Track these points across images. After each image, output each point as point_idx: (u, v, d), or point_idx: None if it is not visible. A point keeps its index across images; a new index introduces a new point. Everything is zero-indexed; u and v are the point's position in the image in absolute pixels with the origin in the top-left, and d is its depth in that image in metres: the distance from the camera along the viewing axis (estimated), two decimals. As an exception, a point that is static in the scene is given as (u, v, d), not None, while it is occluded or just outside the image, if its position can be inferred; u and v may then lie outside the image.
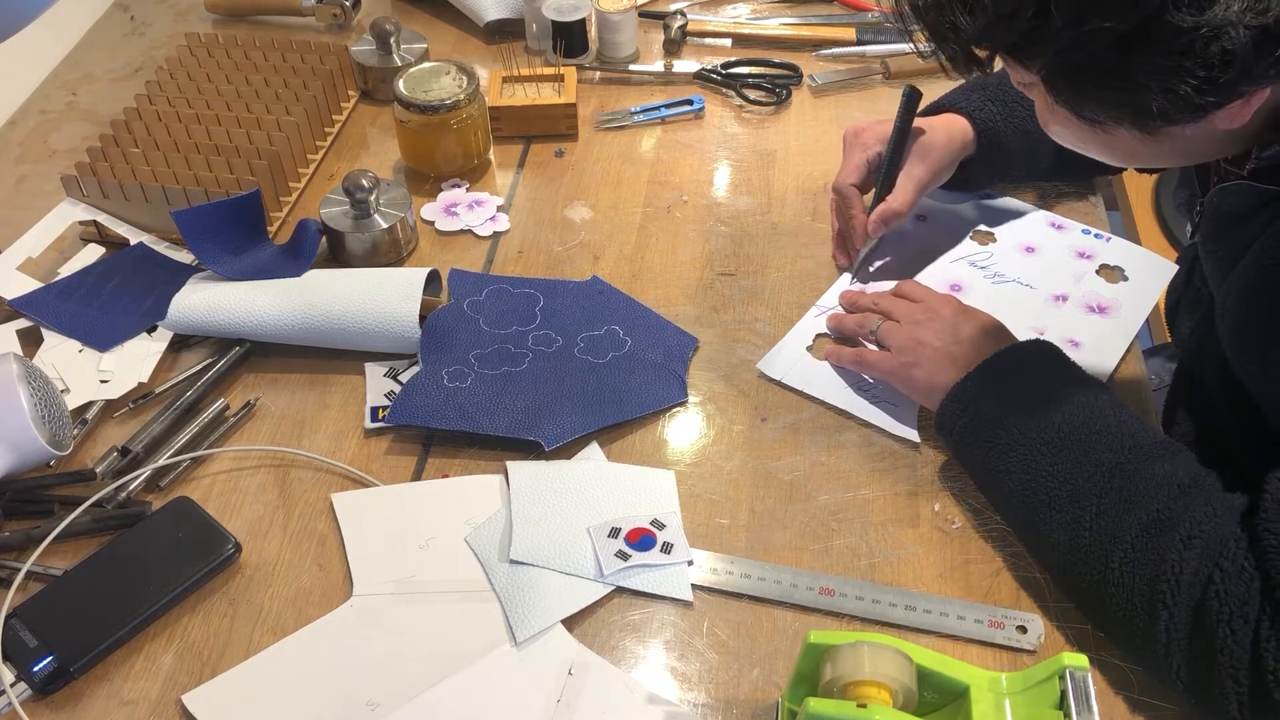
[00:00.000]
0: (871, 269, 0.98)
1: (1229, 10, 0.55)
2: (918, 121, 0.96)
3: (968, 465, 0.80)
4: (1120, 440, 0.72)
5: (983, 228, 1.02)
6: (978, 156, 0.98)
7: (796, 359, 0.90)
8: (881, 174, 0.95)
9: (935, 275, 0.97)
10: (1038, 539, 0.74)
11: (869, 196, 0.97)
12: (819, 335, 0.93)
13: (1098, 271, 0.97)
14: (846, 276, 0.98)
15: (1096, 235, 1.00)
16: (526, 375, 0.89)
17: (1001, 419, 0.76)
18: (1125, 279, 0.96)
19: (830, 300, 0.96)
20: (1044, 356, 0.80)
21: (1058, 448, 0.73)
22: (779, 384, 0.89)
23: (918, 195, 0.94)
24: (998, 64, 0.67)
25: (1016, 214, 1.03)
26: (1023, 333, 0.83)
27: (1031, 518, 0.74)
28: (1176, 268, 0.95)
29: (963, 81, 1.01)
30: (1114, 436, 0.72)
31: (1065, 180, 1.05)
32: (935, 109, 1.00)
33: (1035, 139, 0.98)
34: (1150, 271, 0.97)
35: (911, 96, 0.94)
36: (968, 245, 1.00)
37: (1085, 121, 0.65)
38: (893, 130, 0.95)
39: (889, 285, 0.94)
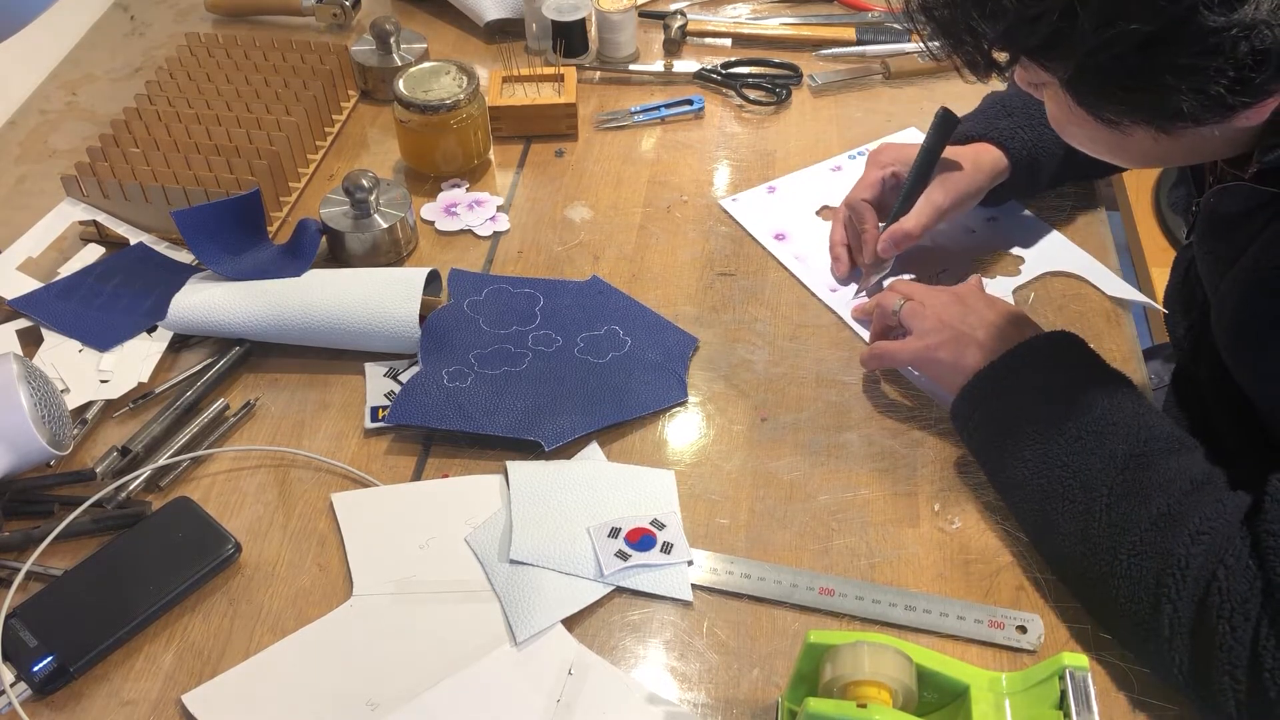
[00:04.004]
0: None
1: (1259, 9, 0.54)
2: (945, 151, 0.95)
3: (980, 451, 0.80)
4: (1136, 432, 0.72)
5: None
6: (1009, 182, 0.97)
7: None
8: (902, 195, 0.94)
9: None
10: (1047, 528, 0.74)
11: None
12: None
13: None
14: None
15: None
16: (526, 375, 0.89)
17: (1022, 406, 0.76)
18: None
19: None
20: (1069, 347, 0.80)
21: (1075, 437, 0.73)
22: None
23: (934, 220, 0.93)
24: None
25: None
26: None
27: (1043, 506, 0.74)
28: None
29: (982, 99, 1.00)
30: (1130, 428, 0.72)
31: (1071, 182, 1.05)
32: (963, 139, 0.97)
33: (1066, 159, 0.96)
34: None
35: (946, 120, 0.92)
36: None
37: (1103, 123, 0.64)
38: (920, 151, 0.93)
39: None
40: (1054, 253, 0.98)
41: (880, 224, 0.95)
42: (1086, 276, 0.96)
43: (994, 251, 0.99)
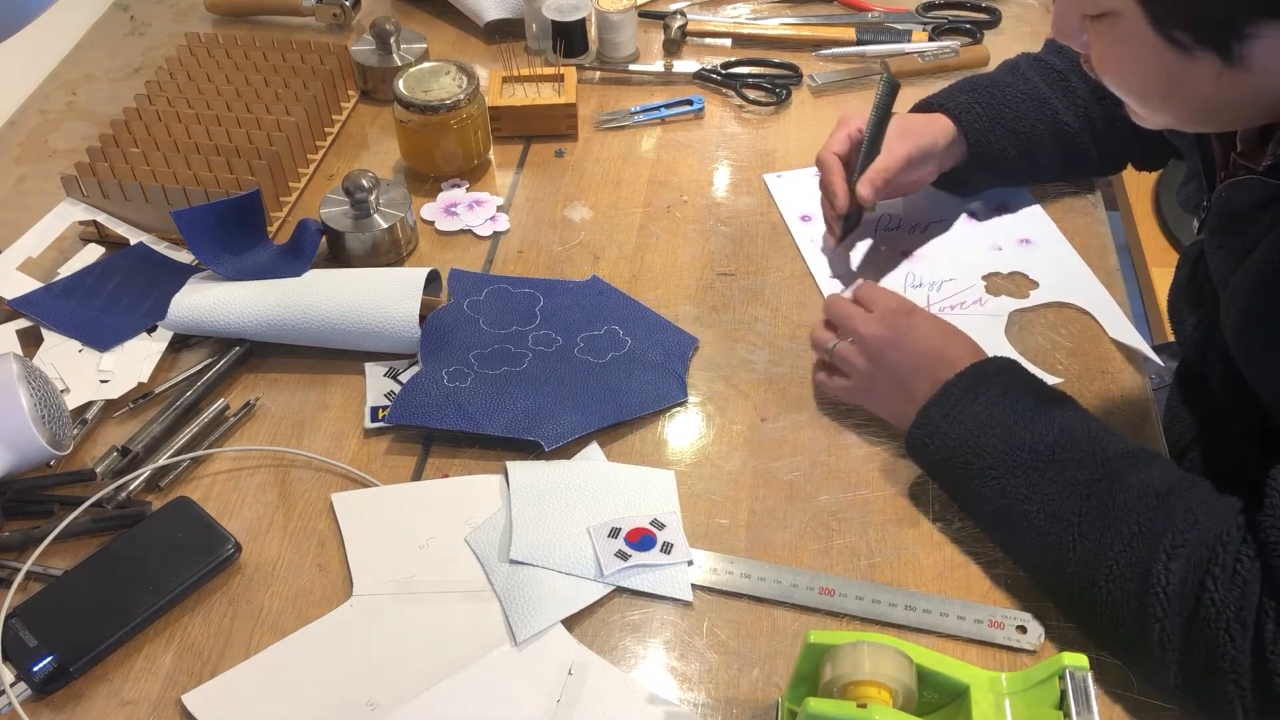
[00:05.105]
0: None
1: None
2: (902, 117, 0.96)
3: (944, 489, 0.80)
4: (1093, 454, 0.71)
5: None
6: (969, 158, 0.98)
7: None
8: (862, 152, 0.95)
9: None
10: (1023, 562, 0.74)
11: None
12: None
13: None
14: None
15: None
16: (526, 375, 0.89)
17: (969, 443, 0.75)
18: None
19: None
20: (1003, 373, 0.78)
21: (1030, 468, 0.72)
22: None
23: (900, 164, 0.94)
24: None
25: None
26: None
27: (1014, 542, 0.74)
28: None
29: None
30: (1086, 451, 0.71)
31: (1065, 180, 1.05)
32: (921, 109, 1.00)
33: (1026, 139, 0.98)
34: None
35: (890, 84, 0.94)
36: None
37: (1171, 46, 0.63)
38: (871, 110, 0.94)
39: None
40: (1069, 284, 0.96)
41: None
42: (1095, 314, 0.94)
43: (1013, 271, 0.98)
